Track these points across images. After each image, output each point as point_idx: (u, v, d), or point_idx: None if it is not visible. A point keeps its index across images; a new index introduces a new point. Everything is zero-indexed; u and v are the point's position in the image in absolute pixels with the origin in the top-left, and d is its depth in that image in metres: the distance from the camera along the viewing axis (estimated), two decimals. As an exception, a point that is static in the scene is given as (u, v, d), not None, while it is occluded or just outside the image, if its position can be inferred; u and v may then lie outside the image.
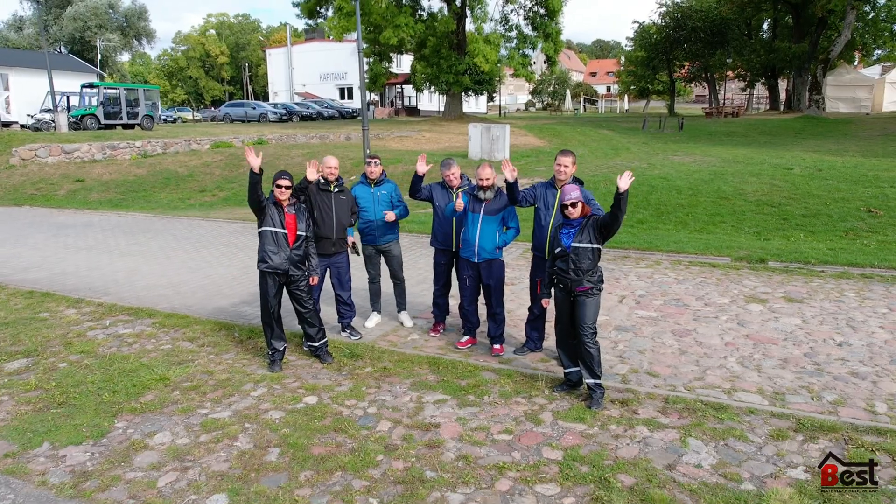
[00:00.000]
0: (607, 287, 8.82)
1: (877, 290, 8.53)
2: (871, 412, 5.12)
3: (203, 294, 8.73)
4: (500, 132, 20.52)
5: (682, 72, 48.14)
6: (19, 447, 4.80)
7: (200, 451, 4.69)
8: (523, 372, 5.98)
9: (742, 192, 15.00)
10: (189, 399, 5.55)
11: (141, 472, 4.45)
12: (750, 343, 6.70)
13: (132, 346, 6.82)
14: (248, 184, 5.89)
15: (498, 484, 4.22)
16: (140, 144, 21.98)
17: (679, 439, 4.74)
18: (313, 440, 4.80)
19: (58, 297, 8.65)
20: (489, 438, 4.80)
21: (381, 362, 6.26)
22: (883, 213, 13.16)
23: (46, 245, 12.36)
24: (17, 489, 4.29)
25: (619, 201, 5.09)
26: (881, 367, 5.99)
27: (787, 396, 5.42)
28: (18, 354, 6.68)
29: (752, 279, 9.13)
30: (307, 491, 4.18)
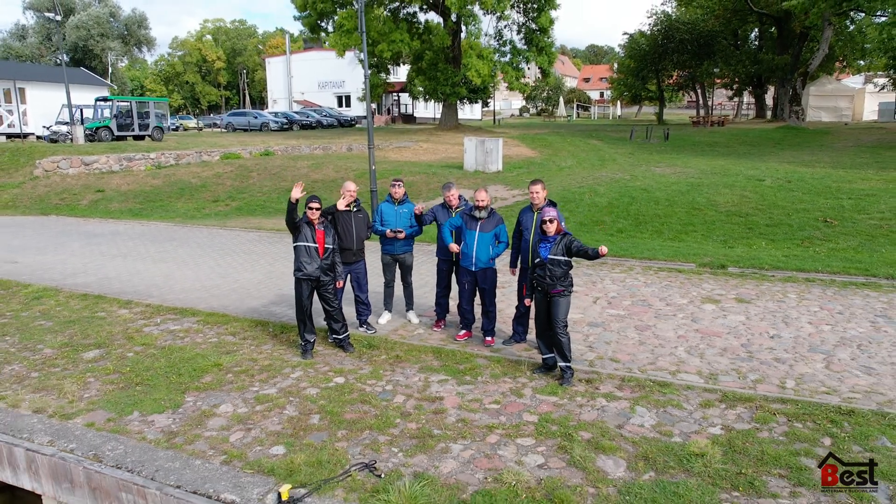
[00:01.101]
0: (585, 289, 10.22)
1: (815, 291, 9.93)
2: (782, 387, 6.51)
3: (235, 297, 10.08)
4: (493, 145, 21.92)
5: (670, 81, 49.65)
6: (116, 414, 6.16)
7: (258, 417, 6.05)
8: (510, 358, 7.36)
9: (714, 203, 16.43)
10: (241, 380, 6.91)
11: (214, 432, 5.81)
12: (699, 336, 8.09)
13: (184, 339, 8.17)
14: (287, 209, 7.18)
15: (488, 438, 5.59)
16: (154, 156, 23.32)
17: (629, 407, 6.12)
18: (345, 408, 6.17)
19: (109, 299, 9.99)
20: (482, 407, 6.18)
21: (394, 351, 7.63)
22: (837, 223, 14.60)
23: (83, 252, 13.67)
24: (124, 443, 5.64)
25: (596, 256, 6.47)
26: (800, 354, 7.39)
27: (720, 376, 6.81)
28: (91, 346, 8.03)
29: (710, 283, 10.53)
30: (344, 444, 5.54)
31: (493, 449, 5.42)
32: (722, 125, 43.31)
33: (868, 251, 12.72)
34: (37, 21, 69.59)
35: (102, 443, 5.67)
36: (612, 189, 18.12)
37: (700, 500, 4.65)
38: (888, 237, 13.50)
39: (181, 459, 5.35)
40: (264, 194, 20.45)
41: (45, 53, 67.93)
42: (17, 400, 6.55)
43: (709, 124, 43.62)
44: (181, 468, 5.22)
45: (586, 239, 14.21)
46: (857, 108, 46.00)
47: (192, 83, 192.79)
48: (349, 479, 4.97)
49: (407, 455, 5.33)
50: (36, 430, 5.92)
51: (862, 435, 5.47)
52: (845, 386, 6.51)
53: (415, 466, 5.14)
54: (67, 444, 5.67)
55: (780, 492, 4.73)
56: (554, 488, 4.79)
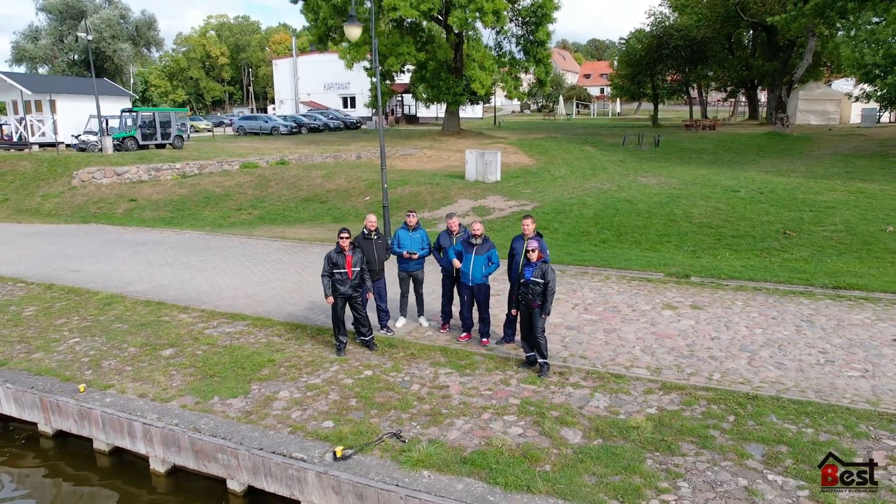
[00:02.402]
0: (566, 296, 12.16)
1: (759, 299, 11.88)
2: (709, 379, 8.46)
3: (274, 303, 12.04)
4: (492, 157, 23.84)
5: (666, 81, 51.38)
6: (201, 399, 8.14)
7: (310, 400, 8.03)
8: (500, 355, 9.33)
9: (689, 215, 18.33)
10: (291, 372, 8.89)
11: (279, 411, 7.79)
12: (654, 337, 10.04)
13: (240, 340, 10.15)
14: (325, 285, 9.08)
15: (482, 415, 7.57)
16: (179, 166, 25.27)
17: (589, 393, 8.09)
18: (375, 394, 8.15)
19: (169, 305, 11.97)
20: (478, 393, 8.15)
21: (409, 350, 9.59)
22: (795, 235, 16.51)
23: (133, 261, 15.64)
24: (213, 419, 7.63)
25: None
26: (730, 353, 9.34)
27: (663, 370, 8.77)
28: (165, 345, 10.01)
29: (672, 291, 12.47)
30: (376, 420, 7.51)
31: (486, 423, 7.40)
32: (713, 129, 45.09)
33: (816, 262, 14.65)
34: (49, 23, 71.29)
35: (197, 419, 7.66)
36: (599, 201, 20.01)
37: (631, 458, 6.63)
38: (836, 248, 15.42)
39: (258, 430, 7.34)
40: (283, 203, 22.39)
41: (58, 55, 69.70)
42: (123, 388, 8.54)
43: (700, 128, 45.40)
44: (260, 437, 7.21)
45: (572, 249, 16.19)
46: (845, 112, 47.74)
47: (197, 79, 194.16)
48: (382, 444, 6.95)
49: (423, 427, 7.31)
50: (145, 410, 7.92)
51: (757, 413, 7.44)
52: (758, 378, 8.47)
53: (429, 435, 7.12)
54: (171, 420, 7.66)
55: (688, 452, 6.70)
56: (528, 449, 6.77)
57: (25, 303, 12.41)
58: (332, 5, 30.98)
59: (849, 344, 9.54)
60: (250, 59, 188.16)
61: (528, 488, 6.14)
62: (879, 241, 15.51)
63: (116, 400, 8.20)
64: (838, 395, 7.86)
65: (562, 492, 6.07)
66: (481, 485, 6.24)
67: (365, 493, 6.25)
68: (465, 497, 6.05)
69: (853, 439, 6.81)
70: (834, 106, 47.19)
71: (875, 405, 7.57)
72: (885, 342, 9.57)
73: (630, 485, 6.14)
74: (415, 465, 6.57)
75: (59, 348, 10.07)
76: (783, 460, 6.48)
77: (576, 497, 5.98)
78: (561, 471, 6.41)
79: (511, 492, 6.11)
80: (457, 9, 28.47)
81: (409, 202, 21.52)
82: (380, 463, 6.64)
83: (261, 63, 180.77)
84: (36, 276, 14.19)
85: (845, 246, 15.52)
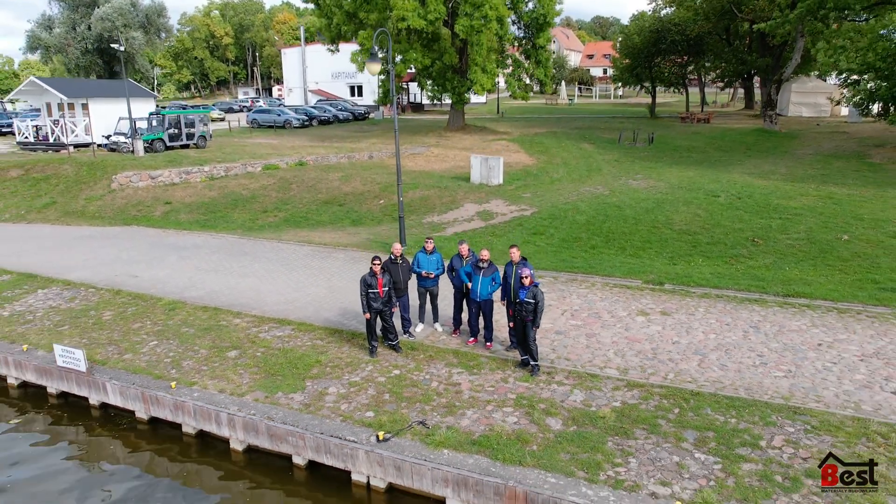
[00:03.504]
0: (556, 303, 14.43)
1: (719, 306, 14.14)
2: (665, 378, 10.78)
3: (312, 309, 14.35)
4: (495, 163, 26.00)
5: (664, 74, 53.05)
6: (268, 393, 10.50)
7: (353, 395, 10.38)
8: (501, 357, 11.65)
9: (670, 222, 20.51)
10: (335, 372, 11.23)
11: (331, 403, 10.14)
12: (626, 342, 12.33)
13: (290, 343, 12.49)
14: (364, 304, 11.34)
15: (486, 407, 9.91)
16: (208, 169, 27.47)
17: (570, 390, 10.41)
18: (403, 390, 10.49)
19: (224, 311, 14.29)
20: (483, 389, 10.49)
21: (428, 353, 11.92)
22: (762, 243, 18.71)
23: (181, 266, 17.92)
24: (281, 410, 9.99)
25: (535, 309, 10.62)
26: (686, 356, 11.64)
27: (630, 371, 11.08)
28: (230, 348, 12.35)
29: (647, 298, 14.74)
30: (406, 411, 9.86)
31: (489, 413, 9.74)
32: (707, 122, 46.98)
33: (775, 269, 16.87)
34: (61, 11, 72.89)
35: (268, 410, 10.03)
36: (592, 206, 22.19)
37: (596, 440, 8.96)
38: (796, 256, 17.63)
39: (317, 419, 9.70)
40: (305, 206, 24.63)
41: (72, 43, 71.42)
42: (204, 385, 10.90)
43: (695, 120, 47.28)
44: (319, 424, 9.57)
45: (565, 255, 18.41)
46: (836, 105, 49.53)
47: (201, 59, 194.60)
48: (412, 429, 9.30)
49: (442, 416, 9.66)
50: (226, 403, 10.28)
51: (697, 407, 9.76)
52: (703, 377, 10.79)
53: (447, 423, 9.47)
54: (249, 410, 10.03)
55: (640, 437, 9.04)
56: (520, 434, 9.11)
57: (101, 307, 14.75)
58: (345, 12, 32.89)
59: (783, 348, 11.84)
60: (254, 39, 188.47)
61: (519, 462, 8.49)
62: (834, 250, 17.71)
63: (203, 395, 10.57)
64: (762, 392, 10.17)
65: (544, 465, 8.42)
66: (486, 460, 8.60)
67: (402, 466, 8.61)
68: (474, 469, 8.41)
69: (763, 427, 9.14)
70: (825, 99, 48.95)
71: (787, 400, 9.89)
72: (811, 346, 11.86)
73: (594, 460, 8.49)
74: (437, 445, 8.93)
75: (143, 350, 12.43)
76: (709, 443, 8.82)
77: (554, 469, 8.33)
78: (544, 450, 8.76)
79: (507, 465, 8.47)
80: (462, 17, 30.37)
81: (420, 206, 23.74)
82: (411, 444, 9.00)
83: (265, 43, 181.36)
84: (102, 282, 16.52)
85: (804, 254, 17.73)
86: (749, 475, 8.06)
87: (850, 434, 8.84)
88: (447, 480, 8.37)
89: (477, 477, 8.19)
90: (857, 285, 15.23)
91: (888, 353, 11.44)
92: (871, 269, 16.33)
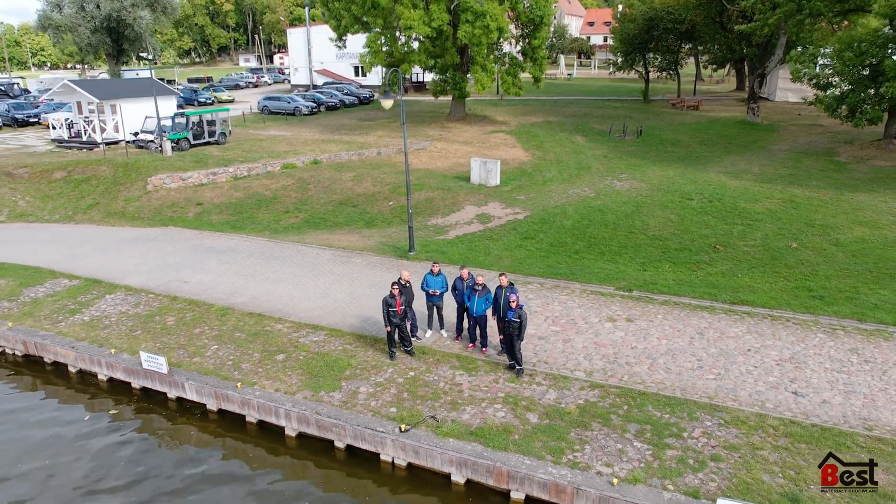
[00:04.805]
0: (540, 309, 17.43)
1: (675, 313, 17.14)
2: (621, 380, 13.85)
3: (339, 315, 17.36)
4: (493, 166, 28.76)
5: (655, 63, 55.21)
6: (313, 392, 13.61)
7: (379, 394, 13.49)
8: (494, 361, 14.71)
9: (645, 227, 23.38)
10: (364, 373, 14.31)
11: (362, 401, 13.24)
12: (595, 346, 15.38)
13: (324, 347, 15.55)
14: (385, 320, 14.34)
15: (482, 404, 13.01)
16: (232, 170, 30.23)
17: (546, 390, 13.50)
18: (418, 389, 13.59)
19: (267, 318, 17.31)
20: (479, 389, 13.58)
21: (436, 356, 14.98)
22: (723, 249, 21.61)
23: (222, 271, 20.87)
24: (325, 406, 13.10)
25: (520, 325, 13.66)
26: (640, 360, 14.69)
27: (594, 373, 14.14)
28: (277, 352, 15.42)
29: (616, 304, 17.73)
30: (420, 407, 12.97)
31: (483, 409, 12.85)
32: (696, 108, 49.38)
33: (729, 276, 19.82)
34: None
35: (315, 405, 13.14)
36: (578, 210, 25.02)
37: (562, 431, 12.07)
38: (749, 262, 20.57)
39: (353, 414, 12.82)
40: (322, 206, 27.48)
41: (81, 23, 73.02)
42: (263, 385, 14.00)
43: (684, 107, 49.67)
44: (355, 418, 12.69)
45: (551, 261, 21.33)
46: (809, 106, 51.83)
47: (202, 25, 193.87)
48: (425, 422, 12.41)
49: (447, 412, 12.77)
50: (283, 401, 13.39)
51: (641, 405, 12.85)
52: (650, 379, 13.85)
53: (451, 417, 12.58)
54: (302, 407, 13.13)
55: (595, 428, 12.15)
56: (507, 425, 12.23)
57: (164, 313, 17.79)
58: (353, 15, 35.17)
59: (718, 353, 14.88)
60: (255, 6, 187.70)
61: (505, 448, 11.62)
62: (783, 257, 20.64)
63: (263, 393, 13.68)
64: (694, 392, 13.25)
65: (522, 450, 11.55)
66: (480, 446, 11.73)
67: (419, 451, 11.75)
68: (472, 454, 11.54)
69: (689, 421, 12.25)
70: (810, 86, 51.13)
71: (712, 399, 12.98)
72: (741, 352, 14.91)
73: (559, 447, 11.61)
74: (444, 435, 12.05)
75: (207, 353, 15.52)
76: (645, 434, 11.93)
77: (529, 454, 11.46)
78: (523, 439, 11.88)
79: (496, 451, 11.60)
80: (465, 24, 32.69)
81: (425, 208, 26.58)
82: (425, 434, 12.12)
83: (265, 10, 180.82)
84: (158, 287, 19.52)
85: (757, 261, 20.65)
86: (670, 459, 11.19)
87: (751, 427, 11.98)
88: (452, 461, 11.51)
89: (474, 459, 11.33)
90: (794, 293, 18.19)
91: (800, 358, 14.50)
92: (809, 277, 19.29)
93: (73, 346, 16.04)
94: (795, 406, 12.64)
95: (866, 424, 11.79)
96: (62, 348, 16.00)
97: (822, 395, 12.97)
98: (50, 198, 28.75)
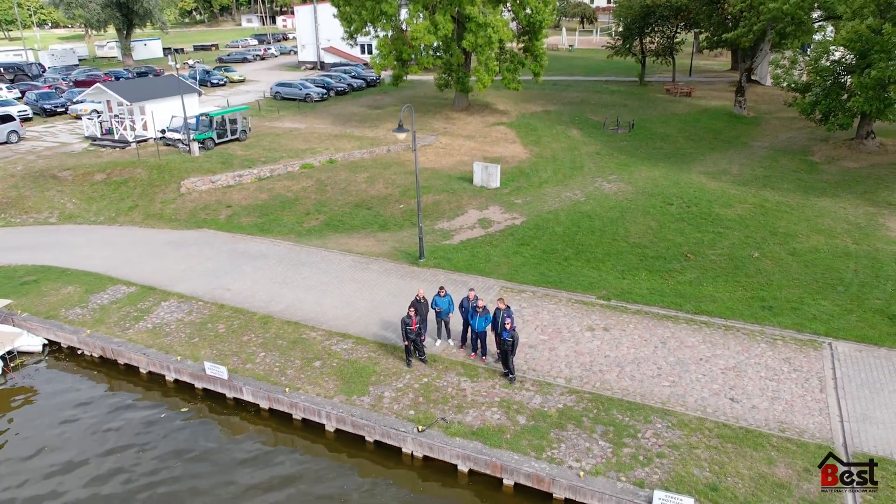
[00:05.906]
0: (532, 318, 20.69)
1: (644, 322, 20.36)
2: (593, 386, 17.19)
3: (362, 324, 20.63)
4: (493, 170, 31.69)
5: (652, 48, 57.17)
6: (347, 396, 17.02)
7: (400, 398, 16.89)
8: (492, 369, 18.06)
9: (627, 235, 26.43)
10: (387, 379, 17.69)
11: (387, 404, 16.66)
12: (574, 354, 18.68)
13: (353, 355, 18.89)
14: (403, 336, 17.61)
15: (481, 407, 16.42)
16: (256, 171, 33.15)
17: (533, 395, 16.88)
18: (430, 394, 16.98)
19: (302, 326, 20.61)
20: (480, 394, 16.97)
21: (444, 364, 18.33)
22: (694, 258, 24.68)
23: (258, 279, 24.05)
24: (358, 409, 16.53)
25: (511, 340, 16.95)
26: (610, 367, 18.00)
27: (572, 380, 17.49)
28: (314, 359, 18.78)
29: (596, 314, 20.95)
30: (434, 410, 16.38)
31: (483, 412, 16.25)
32: (689, 95, 51.75)
33: (696, 285, 22.96)
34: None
35: (349, 408, 16.55)
36: (569, 217, 28.02)
37: (544, 432, 15.49)
38: (715, 271, 23.67)
39: (380, 416, 16.24)
40: (339, 208, 30.52)
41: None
42: (306, 389, 17.40)
43: (677, 93, 52.04)
44: (382, 419, 16.11)
45: (543, 269, 24.47)
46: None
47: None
48: (437, 424, 15.83)
49: (454, 414, 16.18)
50: (323, 403, 16.81)
51: (608, 409, 16.23)
52: (617, 386, 17.20)
53: (458, 419, 16.00)
54: (339, 409, 16.55)
55: (570, 429, 15.56)
56: (500, 427, 15.66)
57: (215, 321, 21.11)
58: (364, 20, 37.51)
59: (676, 362, 18.20)
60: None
61: (499, 446, 15.05)
62: (745, 266, 23.73)
63: (308, 397, 17.09)
64: (651, 398, 16.60)
65: (512, 448, 14.98)
66: (481, 445, 15.16)
67: (432, 446, 15.20)
68: (473, 450, 14.98)
69: (644, 424, 15.64)
70: (800, 71, 53.25)
71: (664, 404, 16.34)
72: (695, 361, 18.22)
73: (540, 445, 15.04)
74: (452, 434, 15.48)
75: (257, 360, 18.89)
76: (609, 434, 15.34)
77: (518, 450, 14.90)
78: (513, 438, 15.30)
79: (492, 448, 15.03)
80: (469, 34, 35.10)
81: (432, 211, 29.60)
82: (438, 434, 15.56)
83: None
84: (205, 295, 22.78)
85: (722, 269, 23.75)
86: (625, 456, 14.61)
87: (692, 429, 15.38)
88: (458, 456, 14.97)
89: (475, 455, 14.78)
90: (748, 303, 21.36)
91: (741, 367, 17.81)
92: (764, 287, 22.42)
93: (145, 353, 19.42)
94: (730, 411, 16.01)
95: (781, 427, 15.19)
96: (135, 354, 19.39)
97: (753, 401, 16.32)
98: (93, 200, 31.82)
